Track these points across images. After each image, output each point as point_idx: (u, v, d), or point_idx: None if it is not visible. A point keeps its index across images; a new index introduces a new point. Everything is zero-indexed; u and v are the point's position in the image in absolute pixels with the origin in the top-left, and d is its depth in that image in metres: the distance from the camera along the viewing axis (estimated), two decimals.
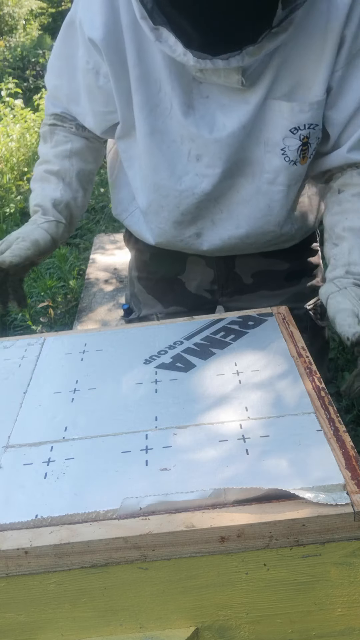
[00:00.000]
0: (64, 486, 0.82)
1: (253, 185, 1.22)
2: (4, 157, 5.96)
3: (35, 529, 0.76)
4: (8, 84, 7.42)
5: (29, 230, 1.26)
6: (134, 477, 0.82)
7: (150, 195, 1.26)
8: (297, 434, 0.87)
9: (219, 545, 0.74)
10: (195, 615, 0.80)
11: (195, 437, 0.89)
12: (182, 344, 1.15)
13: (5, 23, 13.51)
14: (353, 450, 0.83)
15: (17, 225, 4.63)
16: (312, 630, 0.82)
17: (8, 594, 0.77)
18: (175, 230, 1.29)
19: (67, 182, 1.32)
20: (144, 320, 1.50)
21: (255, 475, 0.80)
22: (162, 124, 1.16)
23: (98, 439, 0.92)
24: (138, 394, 1.02)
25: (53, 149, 1.32)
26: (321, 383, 0.99)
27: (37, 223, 1.27)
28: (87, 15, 1.12)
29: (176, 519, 0.75)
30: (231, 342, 1.14)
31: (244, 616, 0.80)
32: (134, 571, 0.76)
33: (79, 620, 0.79)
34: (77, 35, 1.17)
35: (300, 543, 0.75)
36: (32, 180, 1.35)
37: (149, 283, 1.51)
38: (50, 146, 1.32)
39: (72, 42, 1.19)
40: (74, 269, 3.84)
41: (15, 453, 0.91)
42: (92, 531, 0.75)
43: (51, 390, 1.06)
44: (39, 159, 1.36)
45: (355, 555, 0.76)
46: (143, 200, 1.28)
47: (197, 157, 1.18)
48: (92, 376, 1.09)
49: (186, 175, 1.21)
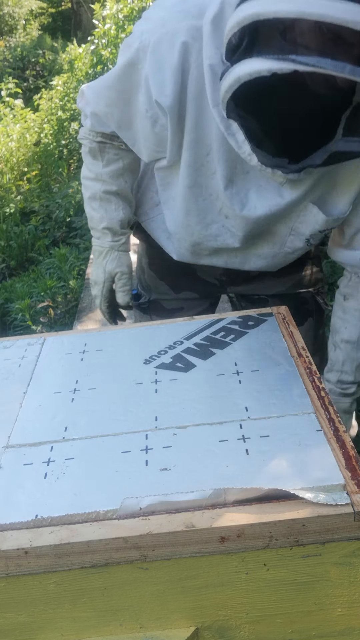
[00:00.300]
0: (64, 486, 0.82)
1: (272, 250, 1.33)
2: (4, 157, 5.96)
3: (35, 529, 0.76)
4: (8, 84, 7.43)
5: (117, 260, 1.45)
6: (134, 477, 0.82)
7: (178, 227, 1.34)
8: (297, 434, 0.87)
9: (219, 545, 0.74)
10: (195, 615, 0.80)
11: (195, 437, 0.89)
12: (182, 344, 1.15)
13: (5, 23, 13.52)
14: (353, 450, 0.83)
15: (17, 225, 4.64)
16: (312, 630, 0.82)
17: (8, 594, 0.77)
18: (192, 256, 1.40)
19: (124, 197, 1.42)
20: (154, 304, 1.57)
21: (255, 475, 0.80)
22: (204, 180, 1.22)
23: (98, 439, 0.92)
24: (138, 394, 1.02)
25: (106, 168, 1.38)
26: (321, 383, 0.99)
27: (114, 248, 1.45)
28: (156, 76, 1.10)
29: (176, 519, 0.75)
30: (231, 342, 1.14)
31: (244, 616, 0.80)
32: (134, 571, 0.76)
33: (79, 620, 0.79)
34: (138, 80, 1.15)
35: (300, 543, 0.75)
36: (90, 197, 1.42)
37: (161, 269, 1.53)
38: (103, 165, 1.38)
39: (130, 83, 1.17)
40: (74, 269, 3.84)
41: (15, 453, 0.91)
42: (92, 531, 0.75)
43: (51, 390, 1.06)
44: (91, 175, 1.41)
45: (355, 555, 0.76)
46: (171, 225, 1.37)
47: (226, 216, 1.26)
48: (92, 376, 1.09)
49: (214, 224, 1.29)
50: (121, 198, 1.41)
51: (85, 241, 4.37)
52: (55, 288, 3.57)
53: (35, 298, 3.50)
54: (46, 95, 7.27)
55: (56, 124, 6.65)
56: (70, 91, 6.85)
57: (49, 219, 4.80)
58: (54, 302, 3.44)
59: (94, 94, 1.29)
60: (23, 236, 4.42)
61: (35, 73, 10.10)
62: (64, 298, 3.53)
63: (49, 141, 6.46)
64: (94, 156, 1.38)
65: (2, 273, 4.14)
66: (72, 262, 3.90)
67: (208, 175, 1.21)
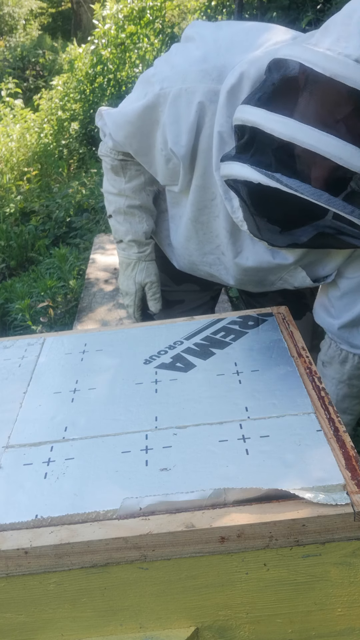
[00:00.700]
0: (64, 486, 0.82)
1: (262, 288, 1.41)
2: (4, 157, 5.96)
3: (35, 529, 0.76)
4: (8, 84, 7.43)
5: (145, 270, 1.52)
6: (134, 477, 0.82)
7: (178, 245, 1.43)
8: (297, 434, 0.87)
9: (219, 545, 0.74)
10: (195, 615, 0.80)
11: (195, 437, 0.89)
12: (182, 344, 1.15)
13: (5, 23, 13.52)
14: (353, 450, 0.83)
15: (17, 225, 4.64)
16: (312, 630, 0.82)
17: (8, 594, 0.77)
18: (190, 271, 1.49)
19: (147, 209, 1.47)
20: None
21: (255, 475, 0.80)
22: (206, 219, 1.30)
23: (98, 439, 0.92)
24: (138, 394, 1.02)
25: (129, 184, 1.44)
26: (321, 383, 0.99)
27: (141, 259, 1.51)
28: (173, 127, 1.18)
29: (176, 519, 0.75)
30: (231, 342, 1.14)
31: (244, 616, 0.80)
32: (134, 571, 0.76)
33: (79, 620, 0.79)
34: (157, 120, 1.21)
35: (300, 543, 0.75)
36: (115, 211, 1.48)
37: (163, 261, 1.56)
38: (125, 181, 1.44)
39: (150, 121, 1.23)
40: (74, 269, 3.84)
41: (15, 453, 0.91)
42: (92, 531, 0.75)
43: (51, 390, 1.06)
44: (114, 191, 1.46)
45: (355, 555, 0.76)
46: (174, 239, 1.45)
47: (223, 253, 1.34)
48: (92, 376, 1.09)
49: (211, 255, 1.37)
50: (144, 211, 1.46)
51: (85, 241, 4.37)
52: (55, 288, 3.57)
53: (35, 298, 3.50)
54: (46, 95, 7.28)
55: (56, 124, 6.65)
56: (70, 91, 6.85)
57: (49, 219, 4.80)
58: (54, 302, 3.44)
59: (113, 124, 1.33)
60: (23, 236, 4.43)
61: (35, 73, 10.10)
62: (64, 298, 3.53)
63: (49, 141, 6.46)
64: (116, 173, 1.43)
65: (2, 273, 4.14)
66: (72, 262, 3.90)
67: (211, 217, 1.28)
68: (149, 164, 1.33)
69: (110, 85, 6.59)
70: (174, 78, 1.16)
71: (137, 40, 6.53)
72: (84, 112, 6.67)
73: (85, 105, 6.71)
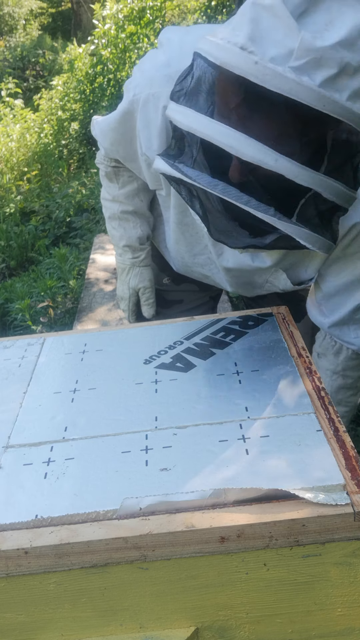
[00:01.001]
0: (64, 486, 0.82)
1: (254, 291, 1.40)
2: (4, 157, 5.96)
3: (35, 529, 0.76)
4: (8, 84, 7.43)
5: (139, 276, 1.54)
6: (134, 477, 0.82)
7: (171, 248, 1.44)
8: (297, 434, 0.87)
9: (219, 546, 0.74)
10: (195, 615, 0.80)
11: (195, 437, 0.89)
12: (182, 344, 1.15)
13: (5, 23, 13.52)
14: (353, 450, 0.83)
15: (17, 225, 4.64)
16: (312, 630, 0.82)
17: (8, 594, 0.77)
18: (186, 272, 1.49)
19: (141, 215, 1.49)
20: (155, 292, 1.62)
21: (255, 475, 0.80)
22: (190, 221, 1.31)
23: (98, 439, 0.92)
24: (138, 394, 1.02)
25: (122, 190, 1.46)
26: (321, 383, 0.99)
27: (135, 265, 1.53)
28: (144, 132, 1.20)
29: (176, 519, 0.75)
30: (231, 342, 1.14)
31: (244, 616, 0.80)
32: (134, 571, 0.76)
33: (79, 620, 0.79)
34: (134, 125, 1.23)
35: (300, 543, 0.75)
36: (110, 217, 1.51)
37: (162, 261, 1.57)
38: (118, 187, 1.46)
39: (130, 127, 1.25)
40: (74, 269, 3.84)
41: (15, 453, 0.91)
42: (92, 531, 0.75)
43: (51, 390, 1.06)
44: (109, 197, 1.49)
45: (355, 555, 0.76)
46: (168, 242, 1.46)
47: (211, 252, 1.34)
48: (92, 376, 1.09)
49: (201, 255, 1.38)
50: (138, 216, 1.48)
51: (85, 241, 4.37)
52: (55, 288, 3.57)
53: (35, 298, 3.50)
54: (46, 95, 7.28)
55: (56, 124, 6.65)
56: (70, 91, 6.85)
57: (49, 219, 4.80)
58: (54, 302, 3.44)
59: (100, 133, 1.36)
60: (23, 236, 4.42)
61: (35, 73, 10.10)
62: (64, 298, 3.53)
63: (49, 141, 6.46)
64: (110, 179, 1.45)
65: (2, 273, 4.14)
66: (72, 262, 3.90)
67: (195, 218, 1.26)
68: (137, 170, 1.34)
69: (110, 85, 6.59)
70: (143, 84, 1.18)
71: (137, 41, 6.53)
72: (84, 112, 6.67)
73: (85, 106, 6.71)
